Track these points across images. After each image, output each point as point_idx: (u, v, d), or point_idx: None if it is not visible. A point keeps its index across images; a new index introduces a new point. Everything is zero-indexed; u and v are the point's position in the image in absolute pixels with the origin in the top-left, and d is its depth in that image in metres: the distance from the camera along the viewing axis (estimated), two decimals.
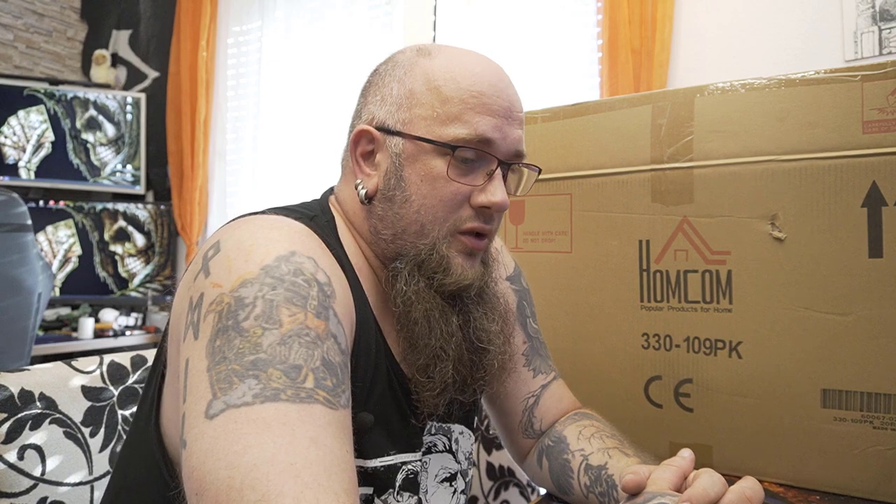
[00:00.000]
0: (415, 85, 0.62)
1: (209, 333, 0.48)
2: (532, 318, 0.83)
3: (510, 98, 0.63)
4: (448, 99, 0.60)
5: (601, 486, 0.67)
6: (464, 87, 0.60)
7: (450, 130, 0.60)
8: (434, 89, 0.61)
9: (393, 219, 0.62)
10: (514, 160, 0.64)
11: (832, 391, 0.76)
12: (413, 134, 0.61)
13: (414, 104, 0.61)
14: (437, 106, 0.60)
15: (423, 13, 2.40)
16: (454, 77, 0.61)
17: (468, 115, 0.60)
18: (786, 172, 0.78)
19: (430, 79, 0.61)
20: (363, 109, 0.66)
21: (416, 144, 0.61)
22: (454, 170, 0.60)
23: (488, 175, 0.62)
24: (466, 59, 0.63)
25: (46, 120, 2.90)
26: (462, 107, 0.60)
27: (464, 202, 0.62)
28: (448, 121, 0.60)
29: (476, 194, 0.62)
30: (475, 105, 0.60)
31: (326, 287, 0.53)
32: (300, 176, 2.66)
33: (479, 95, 0.60)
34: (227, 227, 0.56)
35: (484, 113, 0.60)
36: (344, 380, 0.50)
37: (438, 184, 0.60)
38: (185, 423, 0.45)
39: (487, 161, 0.62)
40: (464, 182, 0.61)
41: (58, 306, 2.87)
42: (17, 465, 0.67)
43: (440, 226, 0.61)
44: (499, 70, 0.64)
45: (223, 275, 0.50)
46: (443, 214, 0.61)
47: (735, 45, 1.83)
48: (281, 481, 0.40)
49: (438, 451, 0.68)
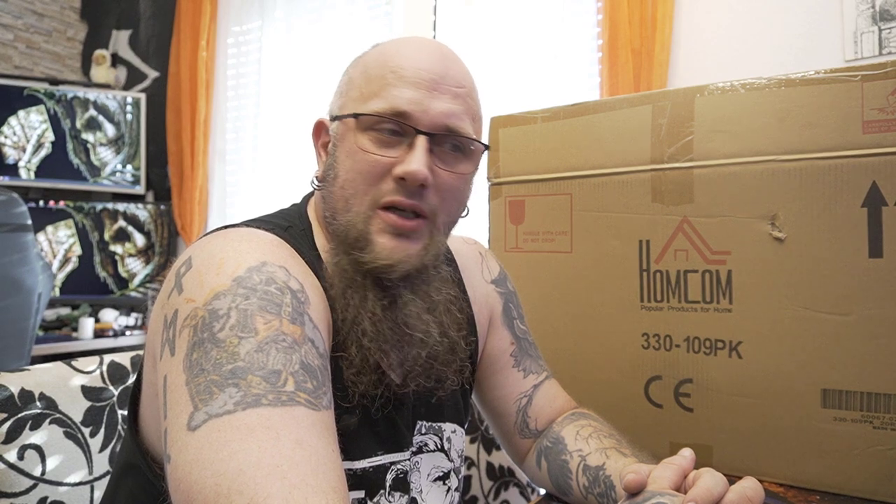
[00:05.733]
0: (354, 73, 0.66)
1: (185, 348, 0.48)
2: (519, 319, 0.83)
3: (439, 71, 0.62)
4: (371, 78, 0.63)
5: (599, 486, 0.67)
6: (384, 64, 0.62)
7: (369, 106, 0.61)
8: (364, 72, 0.64)
9: (329, 198, 0.64)
10: (442, 132, 0.62)
11: (832, 391, 0.76)
12: (342, 114, 0.64)
13: (349, 89, 0.65)
14: (363, 86, 0.63)
15: (423, 13, 2.39)
16: (383, 59, 0.63)
17: (386, 89, 0.61)
18: (786, 172, 0.78)
19: (365, 64, 0.65)
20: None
21: (344, 123, 0.63)
22: (371, 143, 0.61)
23: (409, 146, 0.61)
24: (403, 43, 0.65)
25: (46, 120, 2.90)
26: (381, 83, 0.61)
27: (384, 174, 0.61)
28: (369, 97, 0.62)
29: (396, 166, 0.61)
30: (393, 80, 0.61)
31: (300, 294, 0.53)
32: (300, 176, 2.66)
33: (398, 69, 0.61)
34: (198, 242, 0.56)
35: (401, 86, 0.61)
36: (324, 382, 0.50)
37: (358, 156, 0.61)
38: (167, 439, 0.45)
39: (408, 133, 0.61)
40: (381, 153, 0.60)
41: (58, 306, 2.87)
42: (17, 465, 0.67)
43: (361, 199, 0.61)
44: (434, 46, 0.64)
45: (196, 290, 0.50)
46: (363, 187, 0.61)
47: (735, 45, 1.83)
48: (268, 484, 0.40)
49: (430, 451, 0.69)
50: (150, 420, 0.58)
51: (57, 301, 2.85)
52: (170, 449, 0.44)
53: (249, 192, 2.87)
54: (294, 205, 0.71)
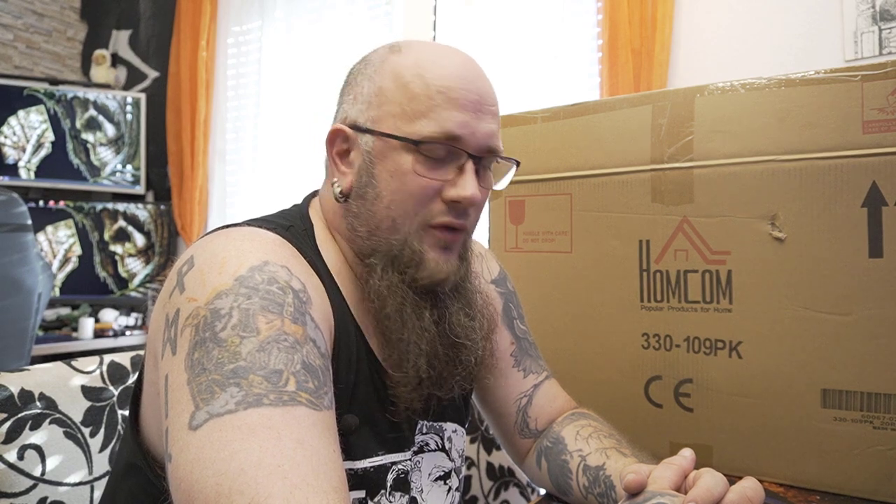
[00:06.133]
0: (384, 82, 0.62)
1: (187, 347, 0.48)
2: (519, 319, 0.83)
3: (480, 91, 0.62)
4: (415, 95, 0.60)
5: (599, 486, 0.67)
6: (430, 83, 0.60)
7: (417, 127, 0.60)
8: (402, 86, 0.61)
9: (367, 216, 0.63)
10: (487, 155, 0.64)
11: (832, 391, 0.76)
12: (381, 131, 0.61)
13: (383, 101, 0.62)
14: (404, 103, 0.61)
15: (423, 13, 2.40)
16: (421, 72, 0.61)
17: (435, 111, 0.60)
18: (786, 172, 0.78)
19: (399, 75, 0.62)
20: (339, 109, 0.67)
21: (385, 141, 0.61)
22: (421, 165, 0.60)
23: (459, 169, 0.62)
24: (435, 54, 0.63)
25: (46, 120, 2.90)
26: (429, 103, 0.60)
27: (434, 196, 0.61)
28: (415, 117, 0.60)
29: (447, 188, 0.61)
30: (442, 101, 0.60)
31: (301, 294, 0.53)
32: (300, 176, 2.66)
33: (446, 90, 0.60)
34: (200, 241, 0.56)
35: (451, 108, 0.60)
36: (326, 382, 0.50)
37: (407, 179, 0.61)
38: (168, 438, 0.45)
39: (457, 155, 0.61)
40: (432, 177, 0.61)
41: (58, 306, 2.87)
42: (17, 465, 0.67)
43: (411, 220, 0.62)
44: (469, 62, 0.64)
45: (198, 289, 0.50)
46: (413, 209, 0.61)
47: (735, 45, 1.83)
48: (269, 483, 0.40)
49: (431, 450, 0.69)
50: (151, 419, 0.58)
51: (57, 301, 2.85)
52: (171, 448, 0.45)
53: (249, 192, 2.87)
54: (295, 205, 0.71)
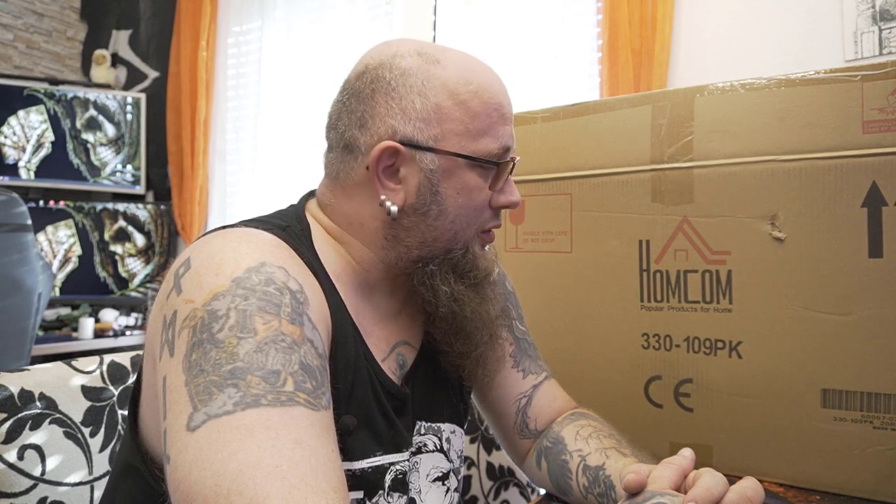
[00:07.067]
0: (440, 99, 0.62)
1: (184, 349, 0.48)
2: (518, 320, 0.84)
3: (510, 101, 0.67)
4: (477, 114, 0.63)
5: (599, 486, 0.68)
6: (487, 101, 0.63)
7: (481, 145, 0.63)
8: (461, 104, 0.62)
9: (424, 229, 0.64)
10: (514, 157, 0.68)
11: (832, 391, 0.76)
12: (448, 150, 0.62)
13: (443, 119, 0.62)
14: (467, 122, 0.63)
15: (423, 13, 2.40)
16: (475, 90, 0.63)
17: (494, 128, 0.64)
18: (786, 172, 0.78)
19: (454, 92, 0.62)
20: (373, 121, 0.62)
21: (451, 160, 0.62)
22: (484, 180, 0.65)
23: (502, 176, 0.66)
24: (475, 68, 0.65)
25: (46, 120, 2.90)
26: (489, 121, 0.63)
27: (487, 205, 0.67)
28: (479, 135, 0.63)
29: (496, 196, 0.66)
30: (498, 118, 0.64)
31: (299, 294, 0.53)
32: (300, 176, 2.66)
33: (499, 107, 0.64)
34: (197, 242, 0.56)
35: (504, 124, 0.65)
36: (323, 382, 0.50)
37: (473, 195, 0.64)
38: (167, 439, 0.45)
39: (506, 165, 0.66)
40: (488, 189, 0.65)
41: (58, 306, 2.87)
42: (17, 465, 0.67)
43: (469, 229, 0.66)
44: (497, 74, 0.68)
45: (195, 290, 0.50)
46: (473, 219, 0.66)
47: (735, 45, 1.83)
48: (268, 484, 0.40)
49: (429, 451, 0.69)
50: (149, 420, 0.58)
51: (57, 301, 2.85)
52: (169, 449, 0.45)
53: (249, 192, 2.87)
54: (291, 206, 0.70)
